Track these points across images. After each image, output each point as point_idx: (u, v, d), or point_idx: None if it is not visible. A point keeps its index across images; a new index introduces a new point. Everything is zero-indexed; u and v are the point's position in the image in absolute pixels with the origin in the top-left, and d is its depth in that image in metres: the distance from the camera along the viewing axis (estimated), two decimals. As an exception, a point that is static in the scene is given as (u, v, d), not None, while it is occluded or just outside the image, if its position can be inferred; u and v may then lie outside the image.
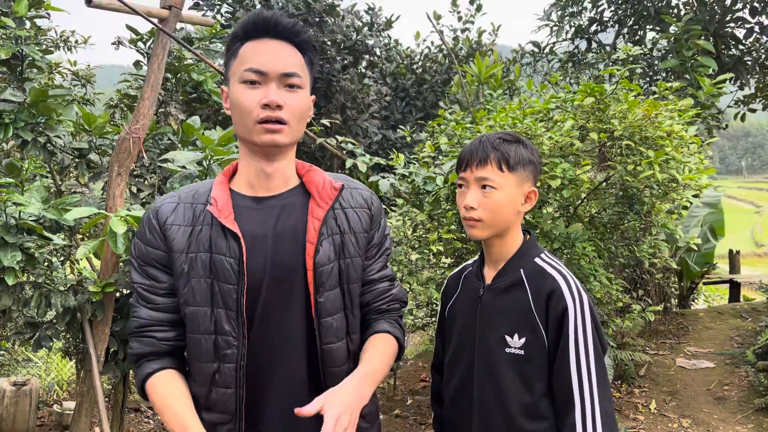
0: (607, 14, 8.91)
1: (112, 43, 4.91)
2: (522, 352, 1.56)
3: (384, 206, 1.73)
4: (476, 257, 1.84)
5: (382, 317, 1.56)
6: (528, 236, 1.71)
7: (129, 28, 4.22)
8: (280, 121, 1.36)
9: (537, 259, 1.65)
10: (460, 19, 8.22)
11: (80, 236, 3.54)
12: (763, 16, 7.88)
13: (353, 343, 1.49)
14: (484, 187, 1.58)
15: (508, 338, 1.58)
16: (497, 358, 1.59)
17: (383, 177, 3.69)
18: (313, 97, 1.49)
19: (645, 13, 8.15)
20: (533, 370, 1.56)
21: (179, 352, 1.47)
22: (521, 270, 1.62)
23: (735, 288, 8.75)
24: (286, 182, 1.46)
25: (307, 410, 1.25)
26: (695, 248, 3.82)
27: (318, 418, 1.28)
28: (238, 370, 1.37)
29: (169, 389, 1.40)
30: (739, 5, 7.89)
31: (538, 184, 2.95)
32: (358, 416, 1.30)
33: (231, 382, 1.37)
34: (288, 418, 1.36)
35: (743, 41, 8.02)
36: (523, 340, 1.56)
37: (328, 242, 1.42)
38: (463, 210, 1.61)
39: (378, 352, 1.47)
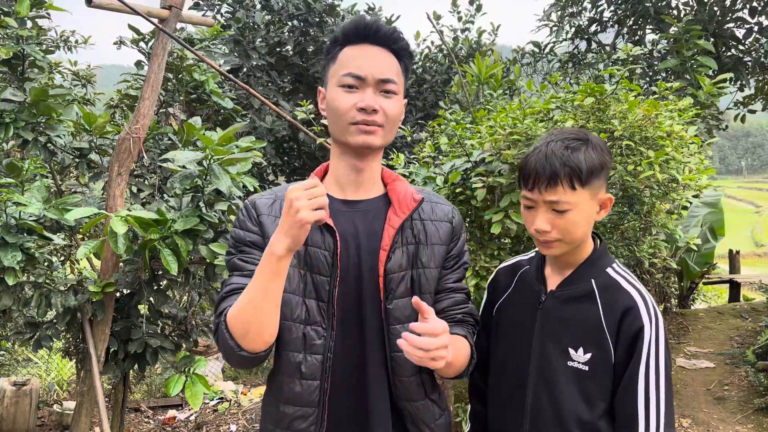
0: (607, 14, 8.91)
1: (114, 43, 4.92)
2: (586, 367, 1.46)
3: None
4: (531, 253, 1.70)
5: (457, 325, 1.54)
6: (599, 242, 1.57)
7: (131, 27, 4.23)
8: (375, 124, 1.41)
9: (609, 270, 1.52)
10: (460, 19, 8.22)
11: (80, 236, 3.54)
12: (763, 17, 7.88)
13: None
14: (554, 210, 1.45)
15: (571, 351, 1.48)
16: (557, 370, 1.49)
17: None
18: (405, 100, 1.54)
19: (645, 14, 8.15)
20: (596, 387, 1.46)
21: None
22: (592, 280, 1.50)
23: (735, 288, 8.75)
24: (373, 186, 1.52)
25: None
26: (695, 248, 3.82)
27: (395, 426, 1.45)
28: (325, 361, 1.40)
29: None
30: (739, 5, 7.89)
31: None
32: (442, 353, 1.27)
33: (317, 374, 1.40)
34: (366, 419, 1.42)
35: (743, 41, 8.02)
36: (588, 355, 1.46)
37: (402, 251, 1.46)
38: (533, 231, 1.49)
39: (455, 347, 1.43)
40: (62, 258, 4.17)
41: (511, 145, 3.05)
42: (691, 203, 3.17)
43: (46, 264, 3.19)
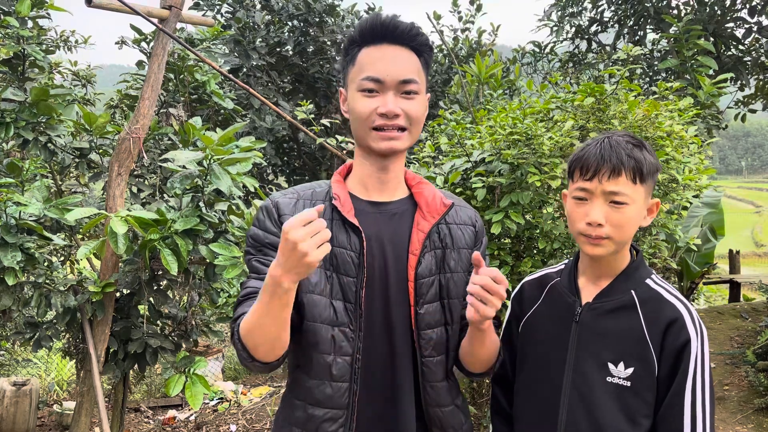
0: (607, 14, 8.92)
1: (116, 43, 4.93)
2: (628, 383, 1.39)
3: None
4: (560, 265, 1.64)
5: None
6: (636, 252, 1.52)
7: (133, 27, 4.23)
8: (397, 128, 1.38)
9: (649, 281, 1.47)
10: (460, 19, 8.22)
11: (80, 236, 3.55)
12: (763, 16, 7.89)
13: (451, 360, 1.48)
14: (613, 201, 1.39)
15: (611, 366, 1.41)
16: (596, 387, 1.41)
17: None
18: (428, 95, 1.49)
19: (645, 14, 8.16)
20: (639, 404, 1.39)
21: None
22: (632, 291, 1.45)
23: (735, 288, 8.75)
24: (398, 186, 1.48)
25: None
26: (695, 248, 3.82)
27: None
28: (354, 363, 1.38)
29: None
30: (739, 5, 7.90)
31: (539, 184, 2.96)
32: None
33: (346, 376, 1.38)
34: (395, 423, 1.40)
35: (743, 41, 8.03)
36: (630, 370, 1.40)
37: (431, 255, 1.44)
38: (584, 226, 1.41)
39: (489, 333, 1.42)
40: (62, 258, 4.17)
41: (511, 145, 3.05)
42: (691, 203, 3.17)
43: (46, 264, 3.19)
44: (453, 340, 1.46)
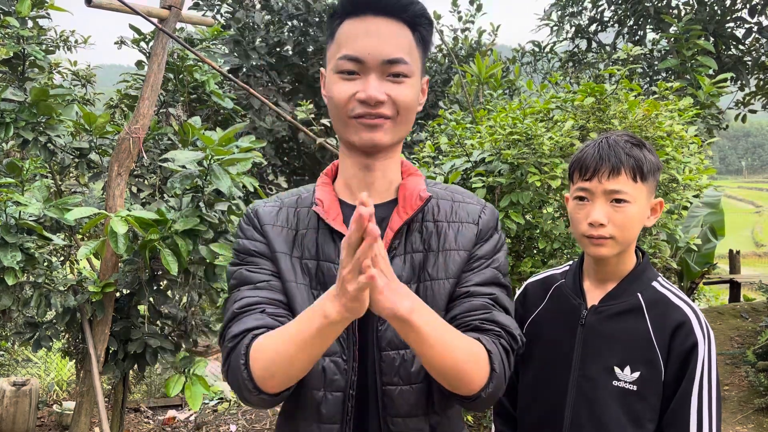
0: (607, 14, 8.93)
1: (115, 43, 4.93)
2: (635, 387, 1.38)
3: None
4: (564, 267, 1.61)
5: (471, 332, 1.16)
6: (642, 255, 1.50)
7: (132, 27, 4.23)
8: (381, 116, 1.14)
9: (655, 284, 1.45)
10: (460, 19, 8.22)
11: (80, 236, 3.54)
12: (763, 17, 7.89)
13: (437, 391, 1.17)
14: (614, 200, 1.38)
15: (617, 370, 1.40)
16: (602, 391, 1.40)
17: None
18: (426, 78, 1.25)
19: (645, 13, 8.16)
20: (645, 408, 1.38)
21: None
22: (639, 294, 1.43)
23: (735, 288, 8.75)
24: (388, 186, 1.24)
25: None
26: (695, 248, 3.82)
27: None
28: (347, 400, 1.15)
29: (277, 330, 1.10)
30: (739, 5, 7.91)
31: (539, 184, 2.96)
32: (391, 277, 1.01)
33: (337, 416, 1.15)
34: None
35: (743, 41, 8.04)
36: (637, 374, 1.38)
37: (403, 259, 1.19)
38: (586, 227, 1.39)
39: (439, 325, 1.08)
40: (62, 258, 4.17)
41: (511, 145, 3.05)
42: (691, 203, 3.17)
43: (45, 264, 3.19)
44: None
